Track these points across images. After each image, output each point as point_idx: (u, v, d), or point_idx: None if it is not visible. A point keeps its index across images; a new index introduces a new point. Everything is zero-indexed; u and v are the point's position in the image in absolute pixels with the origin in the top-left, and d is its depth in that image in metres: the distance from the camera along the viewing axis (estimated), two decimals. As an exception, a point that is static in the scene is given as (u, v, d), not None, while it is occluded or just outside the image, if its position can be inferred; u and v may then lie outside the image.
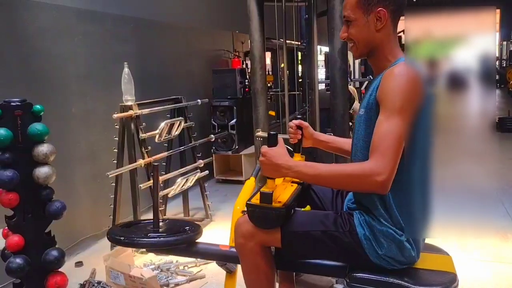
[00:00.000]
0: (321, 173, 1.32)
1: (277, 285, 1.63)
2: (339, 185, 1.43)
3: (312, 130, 1.70)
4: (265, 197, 1.37)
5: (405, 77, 1.27)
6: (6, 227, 1.66)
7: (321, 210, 1.60)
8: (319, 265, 1.49)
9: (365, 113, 1.37)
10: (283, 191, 1.50)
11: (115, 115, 2.71)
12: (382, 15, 1.35)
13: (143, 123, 2.83)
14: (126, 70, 2.78)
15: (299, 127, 1.67)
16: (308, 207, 1.58)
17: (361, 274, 1.38)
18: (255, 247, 1.43)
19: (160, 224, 1.70)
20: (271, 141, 1.36)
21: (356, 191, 1.46)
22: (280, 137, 1.40)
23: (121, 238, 1.59)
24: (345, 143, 1.69)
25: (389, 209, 1.35)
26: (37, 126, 1.60)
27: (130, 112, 2.75)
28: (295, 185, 1.57)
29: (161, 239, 1.57)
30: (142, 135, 2.80)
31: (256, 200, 1.40)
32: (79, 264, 2.76)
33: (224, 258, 1.65)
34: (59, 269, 1.68)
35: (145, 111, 2.86)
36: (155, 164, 1.73)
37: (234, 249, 1.52)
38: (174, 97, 3.28)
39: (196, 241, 1.64)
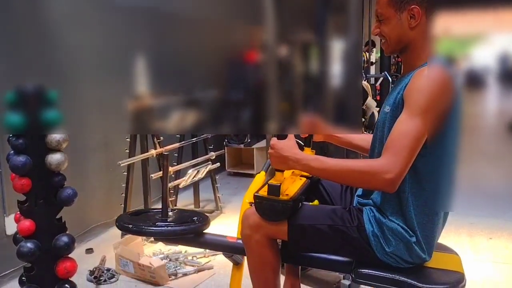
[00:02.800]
0: (329, 167, 1.32)
1: (282, 278, 1.63)
2: (347, 181, 1.42)
3: (325, 124, 1.69)
4: (273, 189, 1.37)
5: (435, 78, 1.25)
6: (18, 212, 1.68)
7: (330, 205, 1.60)
8: (325, 259, 1.48)
9: (391, 111, 1.35)
10: (292, 184, 1.50)
11: (128, 105, 2.72)
12: (415, 12, 1.31)
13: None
14: (140, 60, 2.78)
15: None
16: (316, 202, 1.57)
17: (368, 270, 1.37)
18: (261, 239, 1.43)
19: (169, 213, 1.70)
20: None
21: (364, 187, 1.46)
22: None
23: (129, 225, 1.60)
24: (358, 138, 1.67)
25: (406, 208, 1.34)
26: (51, 113, 1.62)
27: (144, 102, 2.76)
28: (304, 179, 1.57)
29: (168, 228, 1.58)
30: (155, 125, 2.82)
31: (264, 192, 1.41)
32: (89, 251, 2.79)
33: (230, 249, 1.65)
34: (69, 255, 1.70)
35: (159, 101, 2.87)
36: (166, 153, 1.74)
37: (240, 241, 1.52)
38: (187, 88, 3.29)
39: (204, 231, 1.65)
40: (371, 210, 1.40)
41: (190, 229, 1.61)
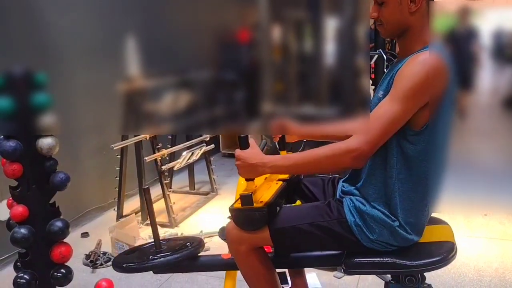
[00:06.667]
0: (296, 161, 1.32)
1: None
2: (317, 169, 1.41)
3: (294, 124, 1.66)
4: (245, 199, 1.36)
5: (427, 67, 1.21)
6: (11, 198, 1.66)
7: (313, 202, 1.58)
8: (315, 257, 1.49)
9: (383, 96, 1.32)
10: (267, 190, 1.48)
11: (120, 87, 2.69)
12: None
13: (149, 96, 2.81)
14: (132, 41, 2.73)
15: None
16: (298, 202, 1.56)
17: (357, 259, 1.38)
18: (247, 250, 1.42)
19: (162, 243, 1.72)
20: (243, 144, 1.36)
21: (334, 170, 1.46)
22: (251, 138, 1.39)
23: (124, 265, 1.61)
24: (334, 128, 1.59)
25: (391, 194, 1.33)
26: (40, 96, 1.58)
27: (135, 85, 2.73)
28: (280, 183, 1.56)
29: (162, 259, 1.59)
30: (148, 108, 2.79)
31: (238, 204, 1.40)
32: (85, 235, 2.79)
33: (227, 267, 1.65)
34: (64, 240, 1.69)
35: (150, 83, 2.83)
36: (146, 187, 1.74)
37: None
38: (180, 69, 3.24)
39: (199, 254, 1.65)
40: (350, 200, 1.38)
41: (185, 256, 1.61)
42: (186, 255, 1.61)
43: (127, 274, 2.31)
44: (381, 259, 1.35)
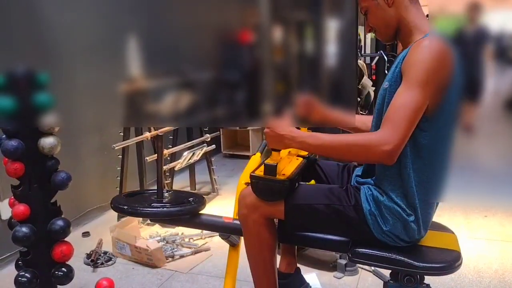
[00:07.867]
0: (325, 143, 1.31)
1: (278, 258, 1.64)
2: (344, 156, 1.40)
3: (319, 104, 1.67)
4: (269, 169, 1.37)
5: (433, 50, 1.23)
6: (12, 197, 1.66)
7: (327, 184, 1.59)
8: (321, 239, 1.48)
9: (389, 86, 1.33)
10: (288, 164, 1.49)
11: (122, 87, 2.70)
12: None
13: (150, 96, 2.81)
14: (133, 41, 2.74)
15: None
16: (313, 181, 1.57)
17: (364, 250, 1.38)
18: (258, 218, 1.43)
19: (165, 194, 1.69)
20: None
21: (362, 161, 1.45)
22: (287, 114, 1.38)
23: (125, 207, 1.58)
24: (360, 121, 1.62)
25: (407, 185, 1.32)
26: (42, 96, 1.59)
27: (137, 85, 2.73)
28: (300, 159, 1.57)
29: (164, 209, 1.56)
30: (149, 108, 2.79)
31: (260, 172, 1.40)
32: (86, 234, 2.80)
33: (227, 229, 1.65)
34: (65, 239, 1.69)
35: (152, 83, 2.84)
36: (160, 134, 1.72)
37: (237, 221, 1.52)
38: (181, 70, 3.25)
39: (200, 212, 1.64)
40: (369, 188, 1.39)
41: (186, 210, 1.59)
42: (188, 210, 1.59)
43: (128, 273, 2.32)
44: (389, 254, 1.35)
